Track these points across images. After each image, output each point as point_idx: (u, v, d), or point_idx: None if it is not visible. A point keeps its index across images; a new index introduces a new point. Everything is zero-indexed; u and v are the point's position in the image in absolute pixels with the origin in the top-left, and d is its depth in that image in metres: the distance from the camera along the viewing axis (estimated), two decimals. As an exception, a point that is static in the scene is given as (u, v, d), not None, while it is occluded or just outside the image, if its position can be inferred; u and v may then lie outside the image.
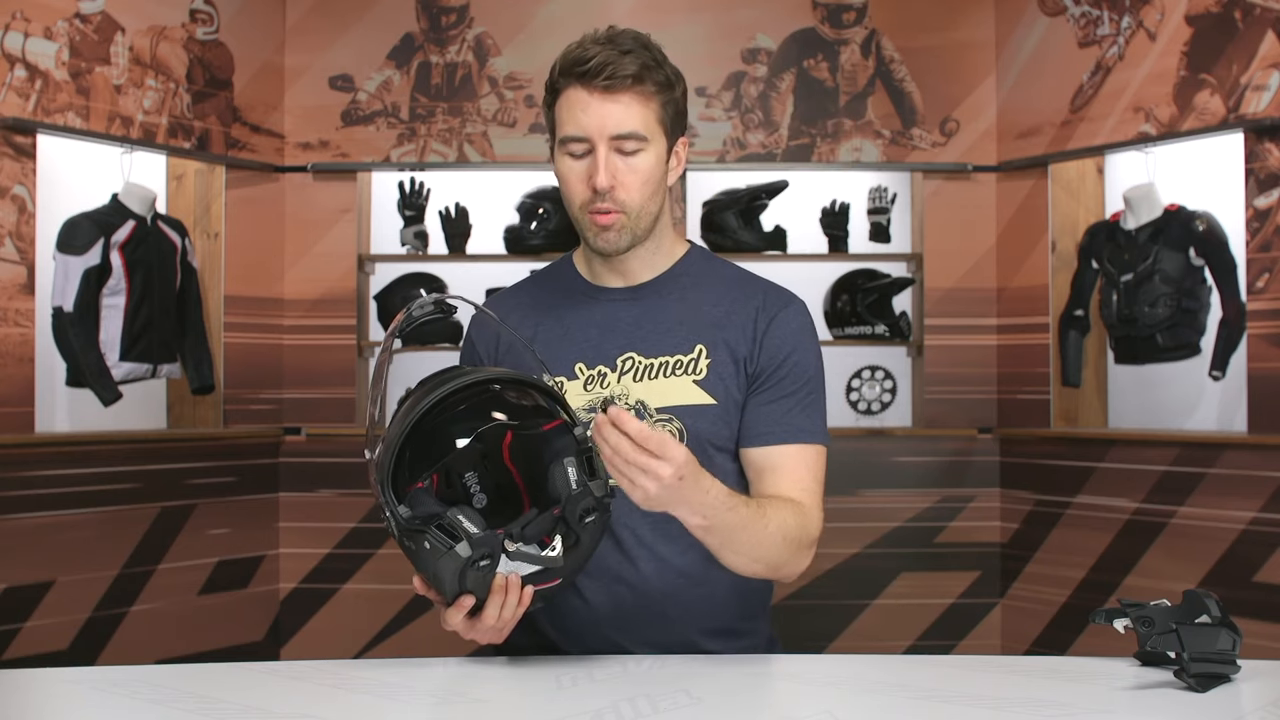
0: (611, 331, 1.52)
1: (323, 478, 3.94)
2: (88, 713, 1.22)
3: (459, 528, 1.21)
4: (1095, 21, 3.73)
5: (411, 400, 1.27)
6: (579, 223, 1.48)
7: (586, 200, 1.45)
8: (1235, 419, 3.46)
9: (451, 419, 1.28)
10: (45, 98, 3.35)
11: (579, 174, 1.45)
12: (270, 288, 3.95)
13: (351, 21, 4.02)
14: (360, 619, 3.90)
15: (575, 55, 1.43)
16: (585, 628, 1.48)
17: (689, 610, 1.49)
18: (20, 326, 3.29)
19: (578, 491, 1.25)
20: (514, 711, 1.25)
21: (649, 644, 1.47)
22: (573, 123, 1.43)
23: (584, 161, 1.44)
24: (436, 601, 1.31)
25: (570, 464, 1.26)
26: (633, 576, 1.47)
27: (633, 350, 1.51)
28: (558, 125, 1.46)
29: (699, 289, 1.55)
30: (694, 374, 1.49)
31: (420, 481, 1.28)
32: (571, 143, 1.44)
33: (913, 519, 3.96)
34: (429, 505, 1.27)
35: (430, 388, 1.26)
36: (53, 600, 3.33)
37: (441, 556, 1.21)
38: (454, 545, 1.21)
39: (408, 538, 1.24)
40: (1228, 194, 3.43)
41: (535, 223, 3.85)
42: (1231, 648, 1.26)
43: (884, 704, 1.24)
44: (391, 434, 1.24)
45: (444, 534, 1.21)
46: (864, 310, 3.93)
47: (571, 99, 1.44)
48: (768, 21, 4.03)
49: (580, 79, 1.43)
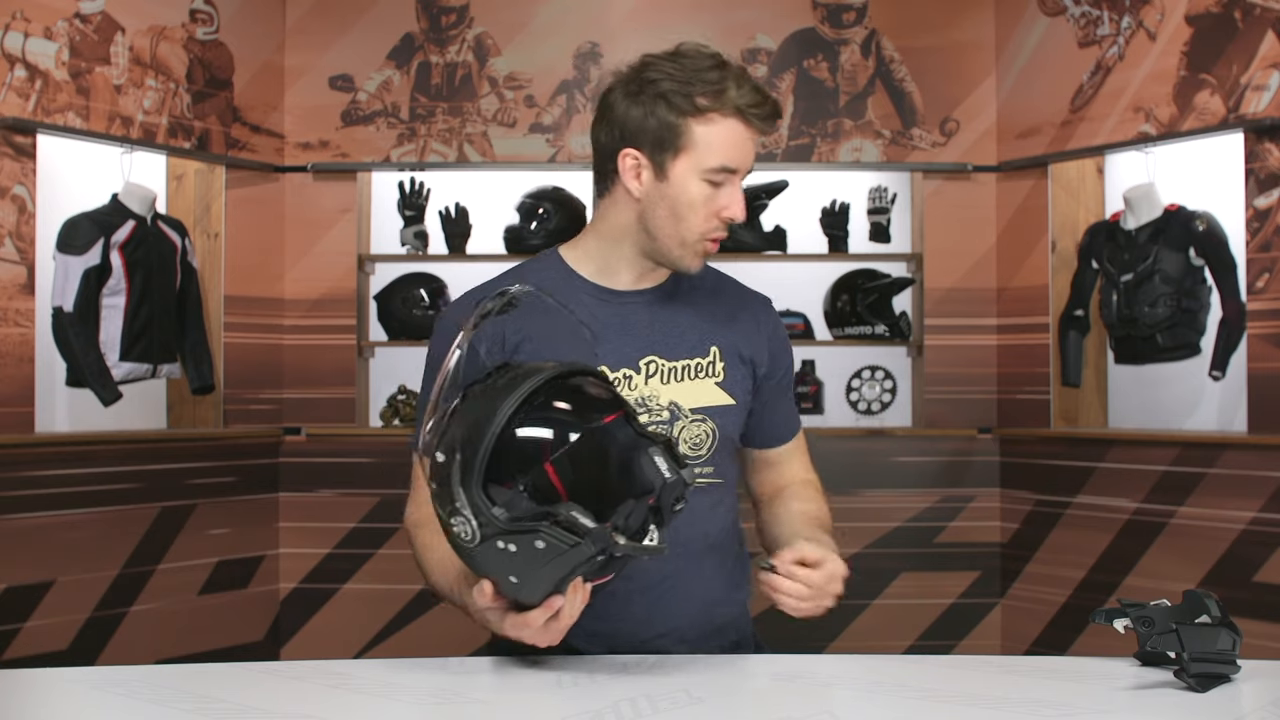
0: (629, 334, 1.53)
1: (323, 478, 3.94)
2: (88, 713, 1.22)
3: (576, 524, 1.18)
4: (1095, 21, 3.73)
5: (484, 400, 1.22)
6: (687, 244, 1.49)
7: (711, 227, 1.49)
8: (1235, 419, 3.46)
9: (535, 412, 1.23)
10: (45, 98, 3.35)
11: (711, 200, 1.47)
12: (270, 288, 3.95)
13: (351, 21, 4.02)
14: (360, 619, 3.90)
15: (749, 97, 1.44)
16: (582, 620, 1.48)
17: (689, 590, 1.53)
18: (20, 326, 3.29)
19: (672, 480, 1.24)
20: (514, 711, 1.25)
21: (651, 629, 1.50)
22: (730, 155, 1.46)
23: (719, 190, 1.47)
24: (495, 609, 1.27)
25: (657, 453, 1.25)
26: (658, 571, 1.49)
27: (653, 353, 1.53)
28: (703, 149, 1.45)
29: (697, 292, 1.60)
30: (714, 376, 1.55)
31: (507, 483, 1.22)
32: (723, 173, 1.46)
33: (913, 519, 3.96)
34: (520, 503, 1.21)
35: (504, 387, 1.22)
36: (53, 600, 3.33)
37: (561, 554, 1.18)
38: (578, 542, 1.18)
39: (508, 539, 1.19)
40: (1228, 194, 3.43)
41: (535, 223, 3.85)
42: (1231, 648, 1.26)
43: (884, 704, 1.24)
44: (472, 436, 1.19)
45: (564, 530, 1.18)
46: (864, 310, 3.93)
47: (733, 131, 1.45)
48: (768, 21, 4.03)
49: (745, 116, 1.45)
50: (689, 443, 1.52)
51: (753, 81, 1.47)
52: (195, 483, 3.71)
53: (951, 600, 3.95)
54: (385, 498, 3.89)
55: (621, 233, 1.53)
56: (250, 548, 3.85)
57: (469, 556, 1.25)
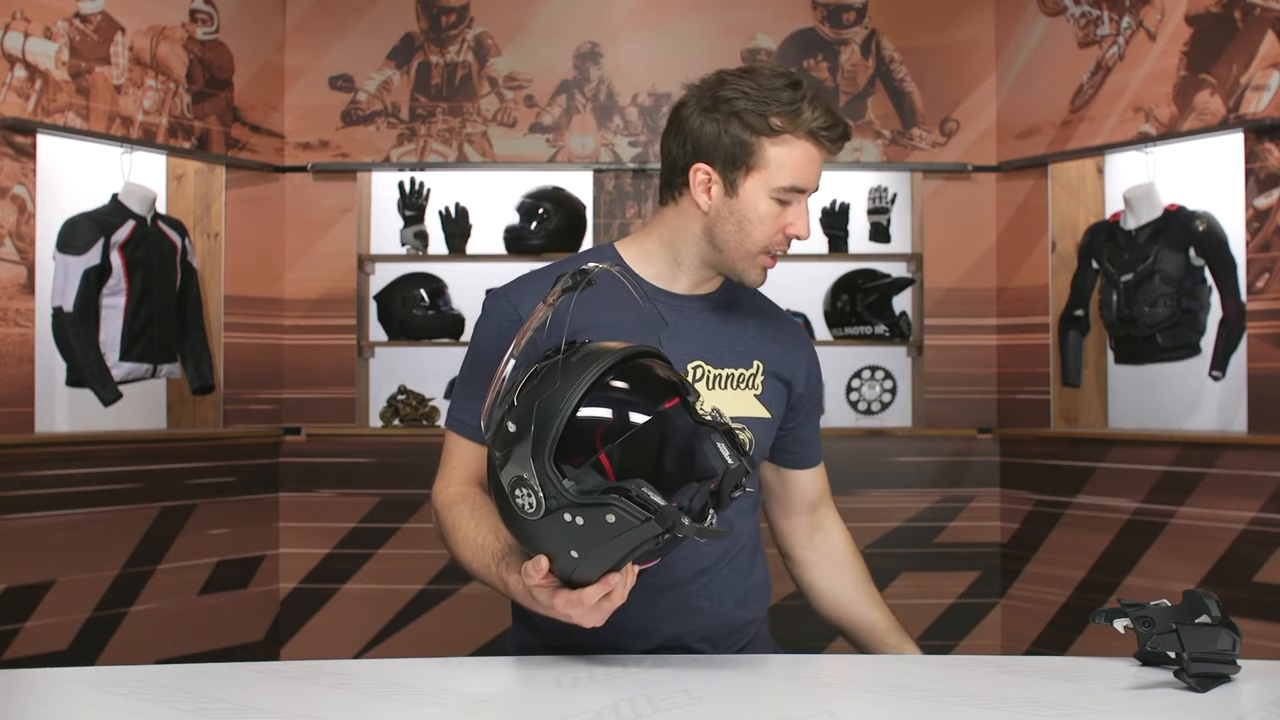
0: (680, 337, 1.55)
1: (323, 478, 3.94)
2: (88, 713, 1.22)
3: (649, 501, 1.19)
4: (1095, 21, 3.73)
5: (560, 376, 1.22)
6: (749, 259, 1.52)
7: (775, 243, 1.52)
8: (1235, 419, 3.46)
9: (593, 400, 1.23)
10: (45, 98, 3.35)
11: (777, 218, 1.50)
12: (270, 288, 3.95)
13: (351, 21, 4.02)
14: (360, 619, 3.90)
15: (820, 116, 1.47)
16: (635, 622, 1.48)
17: (712, 598, 1.56)
18: (20, 326, 3.29)
19: (735, 466, 1.25)
20: (514, 711, 1.25)
21: (678, 626, 1.53)
22: (800, 175, 1.48)
23: (787, 209, 1.50)
24: (545, 587, 1.26)
25: (719, 440, 1.26)
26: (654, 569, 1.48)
27: (701, 359, 1.56)
28: (776, 170, 1.47)
29: (746, 306, 1.64)
30: (754, 389, 1.59)
31: (578, 458, 1.22)
32: (792, 192, 1.49)
33: (913, 519, 3.96)
34: (586, 479, 1.21)
35: (578, 364, 1.22)
36: (53, 600, 3.33)
37: (631, 529, 1.19)
38: (649, 518, 1.18)
39: (576, 512, 1.20)
40: (1228, 194, 3.43)
41: (535, 223, 3.84)
42: (1231, 648, 1.26)
43: (884, 704, 1.24)
44: (547, 411, 1.20)
45: (638, 505, 1.18)
46: (864, 310, 3.93)
47: (804, 152, 1.48)
48: (768, 21, 4.03)
49: (817, 138, 1.47)
50: None
51: (826, 103, 1.49)
52: (195, 483, 3.71)
53: (951, 600, 3.95)
54: (385, 498, 3.88)
55: (686, 241, 1.55)
56: (250, 548, 3.85)
57: (529, 529, 1.24)
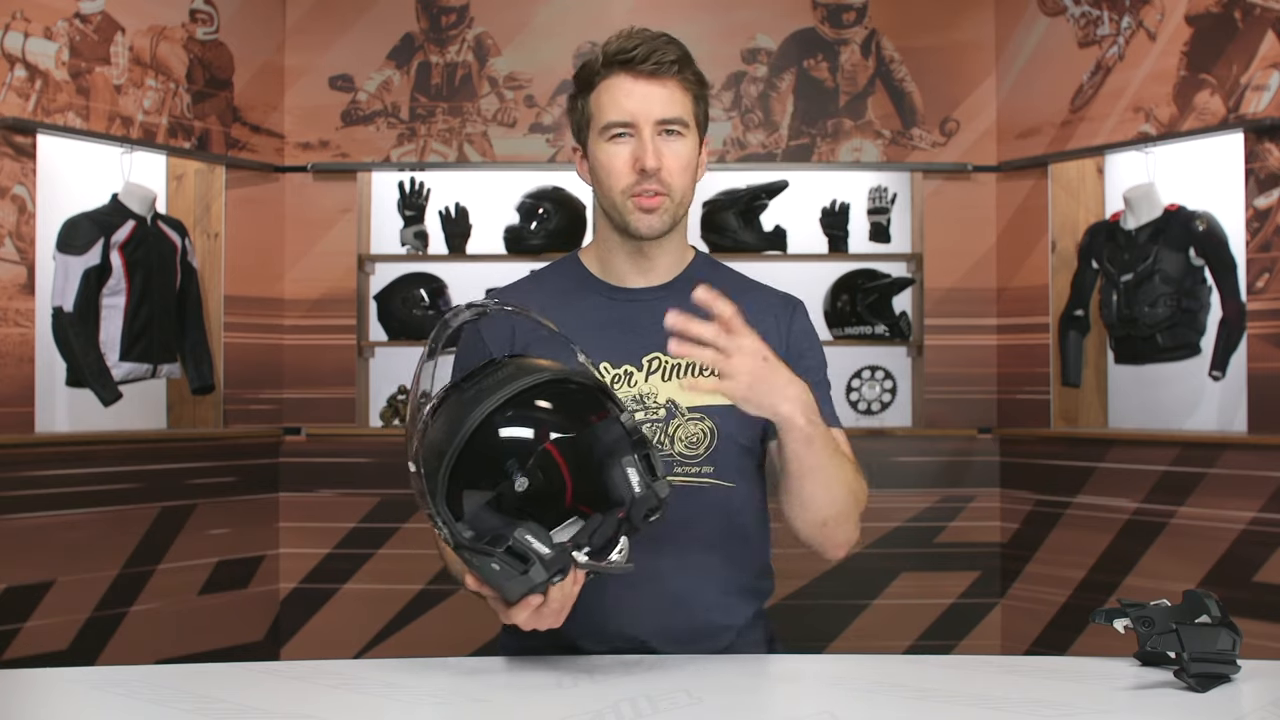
0: (633, 331, 1.53)
1: (323, 478, 3.94)
2: (88, 713, 1.22)
3: (529, 549, 1.17)
4: (1095, 21, 3.73)
5: (456, 409, 1.21)
6: (620, 209, 1.50)
7: (630, 184, 1.48)
8: (1235, 419, 3.46)
9: (502, 421, 1.22)
10: (45, 98, 3.35)
11: (623, 159, 1.48)
12: (270, 288, 3.95)
13: (351, 21, 4.02)
14: (360, 619, 3.90)
15: (618, 45, 1.47)
16: (597, 621, 1.47)
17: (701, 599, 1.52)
18: (20, 326, 3.29)
19: (642, 494, 1.24)
20: (514, 711, 1.25)
21: (639, 626, 1.48)
22: (617, 109, 1.47)
23: (627, 147, 1.48)
24: (491, 597, 1.27)
25: (630, 465, 1.25)
26: (650, 569, 1.47)
27: (658, 350, 1.52)
28: (597, 113, 1.49)
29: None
30: (716, 375, 1.51)
31: (488, 483, 1.22)
32: (616, 128, 1.47)
33: (913, 519, 3.96)
34: (486, 517, 1.21)
35: (476, 396, 1.21)
36: (53, 600, 3.32)
37: (513, 579, 1.18)
38: (527, 569, 1.17)
39: (471, 555, 1.20)
40: (1228, 194, 3.43)
41: (535, 223, 3.84)
42: (1231, 648, 1.26)
43: (884, 704, 1.24)
44: (439, 448, 1.19)
45: (515, 557, 1.17)
46: (864, 310, 3.93)
47: (615, 86, 1.47)
48: (768, 21, 4.03)
49: (625, 66, 1.46)
50: (685, 441, 1.51)
51: (641, 32, 1.47)
52: (195, 483, 3.71)
53: (951, 600, 3.95)
54: (385, 498, 3.88)
55: (601, 225, 1.58)
56: (250, 548, 3.85)
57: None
